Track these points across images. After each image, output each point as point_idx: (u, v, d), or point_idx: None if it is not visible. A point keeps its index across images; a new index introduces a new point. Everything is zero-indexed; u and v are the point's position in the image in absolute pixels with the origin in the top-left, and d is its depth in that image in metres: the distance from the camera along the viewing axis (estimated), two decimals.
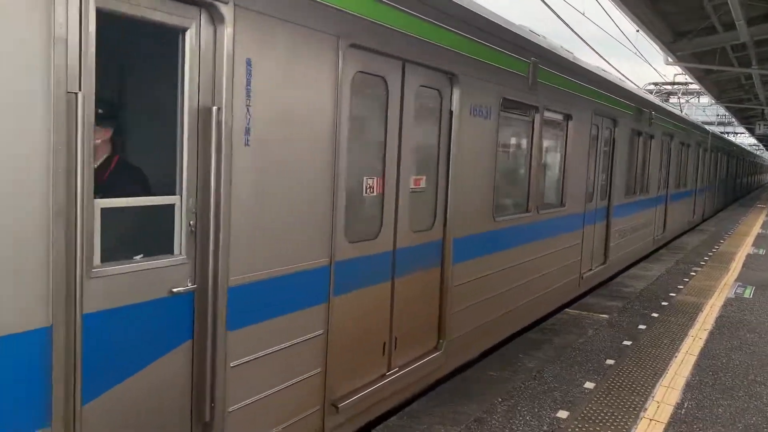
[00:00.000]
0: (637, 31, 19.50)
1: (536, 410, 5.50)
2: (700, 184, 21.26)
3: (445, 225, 5.72)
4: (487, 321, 6.77)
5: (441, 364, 5.89)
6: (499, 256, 6.86)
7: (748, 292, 10.83)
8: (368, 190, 4.78)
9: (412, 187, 5.28)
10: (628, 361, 6.94)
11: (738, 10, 11.36)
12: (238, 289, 3.54)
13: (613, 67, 24.10)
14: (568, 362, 6.81)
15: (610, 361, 6.88)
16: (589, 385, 6.16)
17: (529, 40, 7.22)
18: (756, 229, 21.37)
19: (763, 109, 27.52)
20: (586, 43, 16.49)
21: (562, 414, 5.45)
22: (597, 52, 17.27)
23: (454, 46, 5.51)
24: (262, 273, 3.71)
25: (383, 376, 5.10)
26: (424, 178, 5.48)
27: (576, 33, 16.25)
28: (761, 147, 69.26)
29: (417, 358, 5.54)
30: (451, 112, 5.65)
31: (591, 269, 10.39)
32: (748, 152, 48.66)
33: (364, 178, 4.76)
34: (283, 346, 3.94)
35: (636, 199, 12.88)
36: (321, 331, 4.27)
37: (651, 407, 5.68)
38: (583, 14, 16.50)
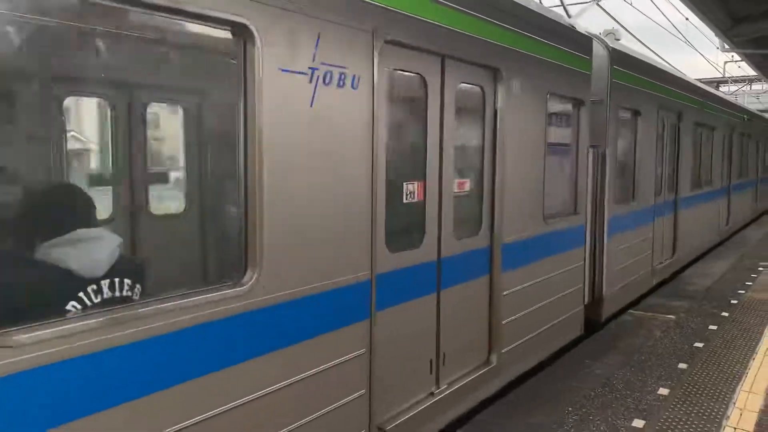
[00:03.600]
0: (687, 19, 18.86)
1: (610, 419, 5.24)
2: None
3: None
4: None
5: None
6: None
7: None
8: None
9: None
10: (702, 364, 6.58)
11: None
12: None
13: (661, 57, 23.35)
14: (638, 367, 6.50)
15: (682, 365, 6.54)
16: (663, 391, 5.85)
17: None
18: None
19: None
20: (631, 34, 15.99)
21: (638, 423, 5.18)
22: (643, 43, 16.77)
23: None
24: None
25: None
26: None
27: (619, 23, 15.83)
28: None
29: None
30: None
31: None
32: None
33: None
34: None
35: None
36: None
37: (734, 415, 5.34)
38: (631, 4, 16.03)
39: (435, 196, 4.67)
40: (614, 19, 15.06)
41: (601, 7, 12.63)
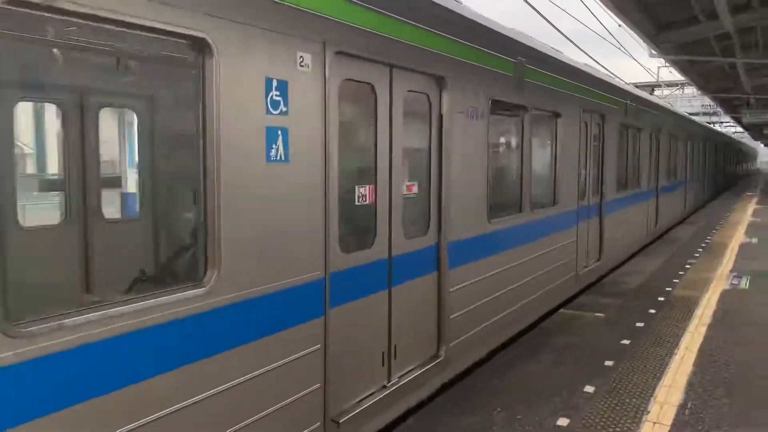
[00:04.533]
0: (620, 25, 19.48)
1: (536, 419, 5.33)
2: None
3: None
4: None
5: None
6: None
7: (744, 283, 10.73)
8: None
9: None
10: (627, 361, 6.78)
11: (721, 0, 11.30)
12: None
13: (599, 63, 24.08)
14: (567, 365, 6.64)
15: (609, 362, 6.72)
16: (589, 388, 5.99)
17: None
18: (747, 218, 21.36)
19: (748, 98, 27.59)
20: (570, 40, 16.42)
21: (563, 422, 5.28)
22: (581, 49, 17.18)
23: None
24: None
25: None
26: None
27: (558, 29, 16.22)
28: (745, 134, 69.66)
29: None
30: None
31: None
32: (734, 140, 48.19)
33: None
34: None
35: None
36: None
37: (654, 409, 5.52)
38: (565, 11, 16.41)
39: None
40: (550, 23, 15.40)
41: (532, 6, 12.87)
